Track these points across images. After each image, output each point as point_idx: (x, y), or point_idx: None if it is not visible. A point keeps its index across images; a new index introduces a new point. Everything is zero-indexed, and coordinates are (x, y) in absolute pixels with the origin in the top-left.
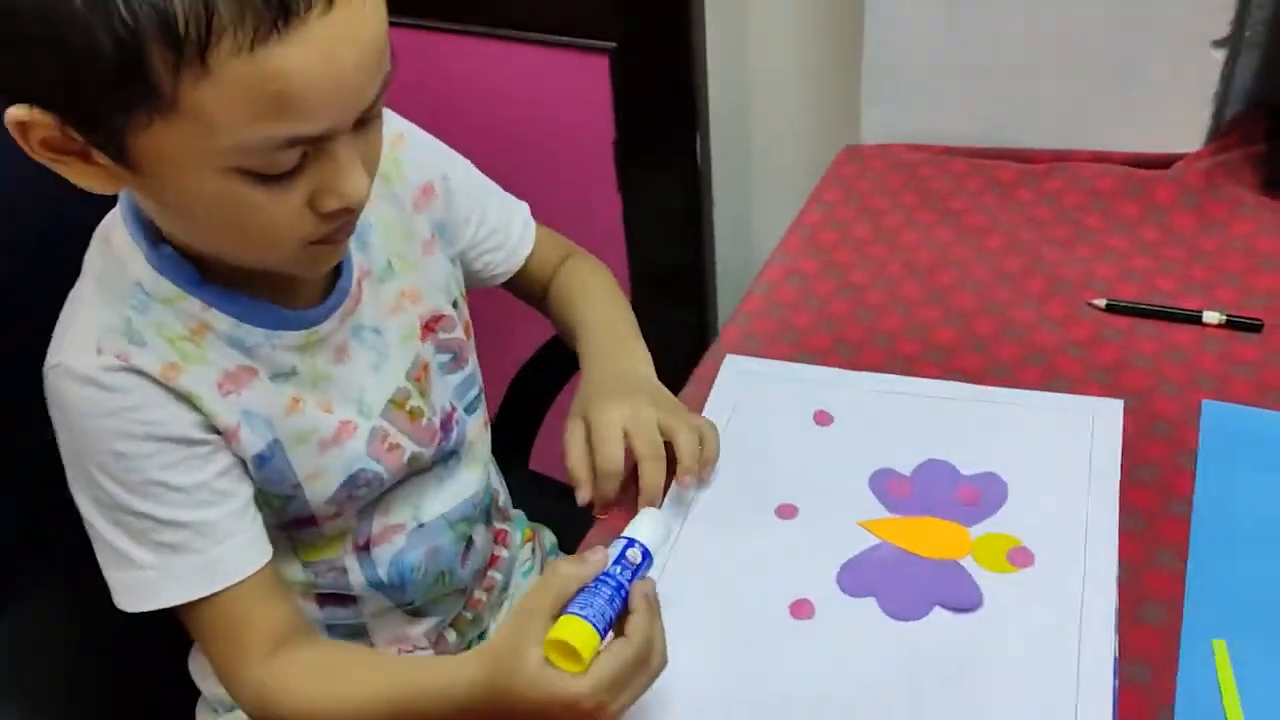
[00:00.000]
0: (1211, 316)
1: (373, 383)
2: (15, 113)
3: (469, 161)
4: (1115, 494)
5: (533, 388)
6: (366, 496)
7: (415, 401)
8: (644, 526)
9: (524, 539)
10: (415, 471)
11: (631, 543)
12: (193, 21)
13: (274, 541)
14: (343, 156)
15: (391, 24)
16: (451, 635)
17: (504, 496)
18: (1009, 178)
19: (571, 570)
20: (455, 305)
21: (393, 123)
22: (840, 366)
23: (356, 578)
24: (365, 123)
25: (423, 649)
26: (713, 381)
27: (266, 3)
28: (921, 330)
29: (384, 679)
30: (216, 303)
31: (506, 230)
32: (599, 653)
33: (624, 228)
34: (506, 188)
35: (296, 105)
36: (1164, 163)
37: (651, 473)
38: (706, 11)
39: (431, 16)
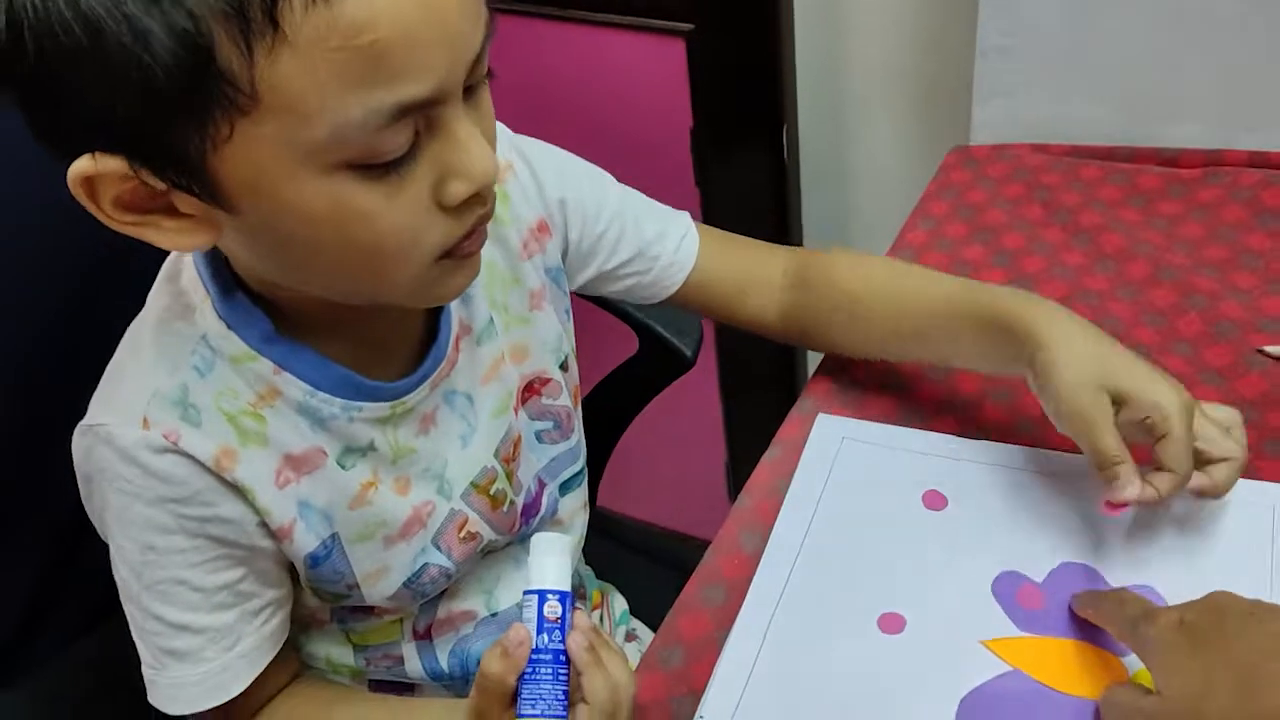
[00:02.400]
0: None
1: (457, 458)
2: (80, 167)
3: (604, 173)
4: None
5: (603, 415)
6: (430, 592)
7: (500, 485)
8: (547, 569)
9: (592, 606)
10: (488, 552)
11: (543, 597)
12: None
13: (322, 624)
14: (460, 130)
15: None
16: None
17: (577, 562)
18: (1152, 185)
19: (498, 669)
20: (564, 367)
21: (504, 148)
22: (954, 431)
23: (414, 666)
24: (473, 89)
25: None
26: (801, 447)
27: None
28: None
29: None
30: (289, 364)
31: (655, 249)
32: None
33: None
34: None
35: (395, 59)
36: None
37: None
38: None
39: None
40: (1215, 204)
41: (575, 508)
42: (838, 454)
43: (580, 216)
